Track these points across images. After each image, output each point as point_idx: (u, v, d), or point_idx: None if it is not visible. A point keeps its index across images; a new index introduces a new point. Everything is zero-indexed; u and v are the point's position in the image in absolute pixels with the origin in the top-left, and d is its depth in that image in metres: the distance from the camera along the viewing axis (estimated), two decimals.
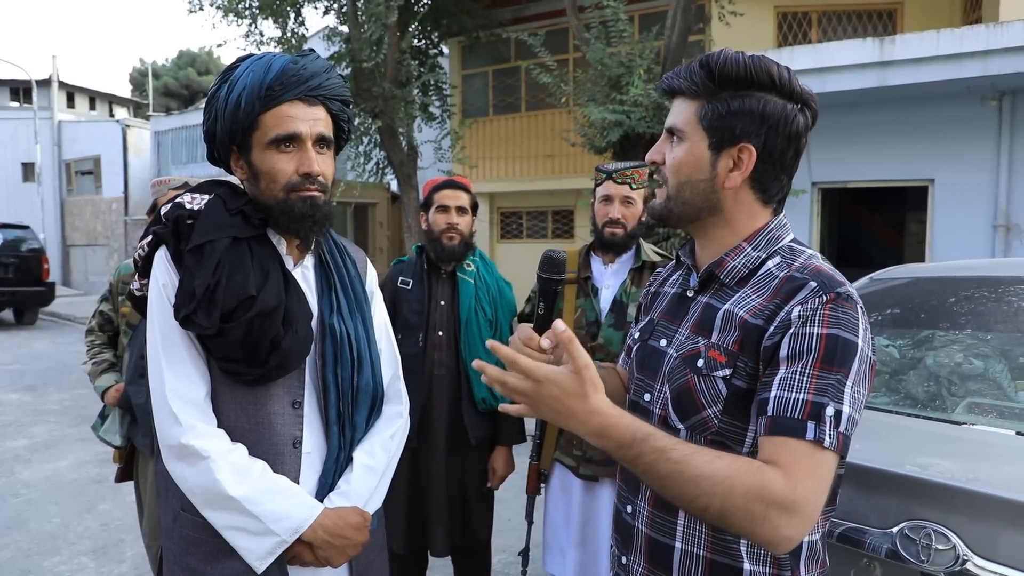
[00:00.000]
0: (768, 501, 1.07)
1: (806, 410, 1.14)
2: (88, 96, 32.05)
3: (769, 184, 1.33)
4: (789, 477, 1.09)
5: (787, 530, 1.09)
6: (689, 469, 1.09)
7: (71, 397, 8.52)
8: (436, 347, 2.90)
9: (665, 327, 1.44)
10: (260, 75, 1.55)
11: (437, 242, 2.90)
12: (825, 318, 1.19)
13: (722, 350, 1.27)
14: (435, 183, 3.00)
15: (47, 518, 4.88)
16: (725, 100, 1.29)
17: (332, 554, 1.60)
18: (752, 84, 1.28)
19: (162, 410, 1.53)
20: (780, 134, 1.29)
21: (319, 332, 1.67)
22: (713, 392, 1.27)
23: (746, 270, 1.33)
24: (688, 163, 1.33)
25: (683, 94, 1.34)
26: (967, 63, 7.00)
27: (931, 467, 1.82)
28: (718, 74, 1.28)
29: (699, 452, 1.11)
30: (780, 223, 1.37)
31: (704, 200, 1.33)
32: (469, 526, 2.99)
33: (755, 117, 1.28)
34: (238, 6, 11.79)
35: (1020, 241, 7.66)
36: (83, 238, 24.46)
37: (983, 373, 2.39)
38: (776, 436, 1.15)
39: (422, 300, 2.92)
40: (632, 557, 1.42)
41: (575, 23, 9.88)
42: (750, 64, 1.27)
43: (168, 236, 1.58)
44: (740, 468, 1.10)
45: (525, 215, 14.71)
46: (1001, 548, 1.64)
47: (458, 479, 2.96)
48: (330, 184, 1.65)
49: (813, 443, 1.12)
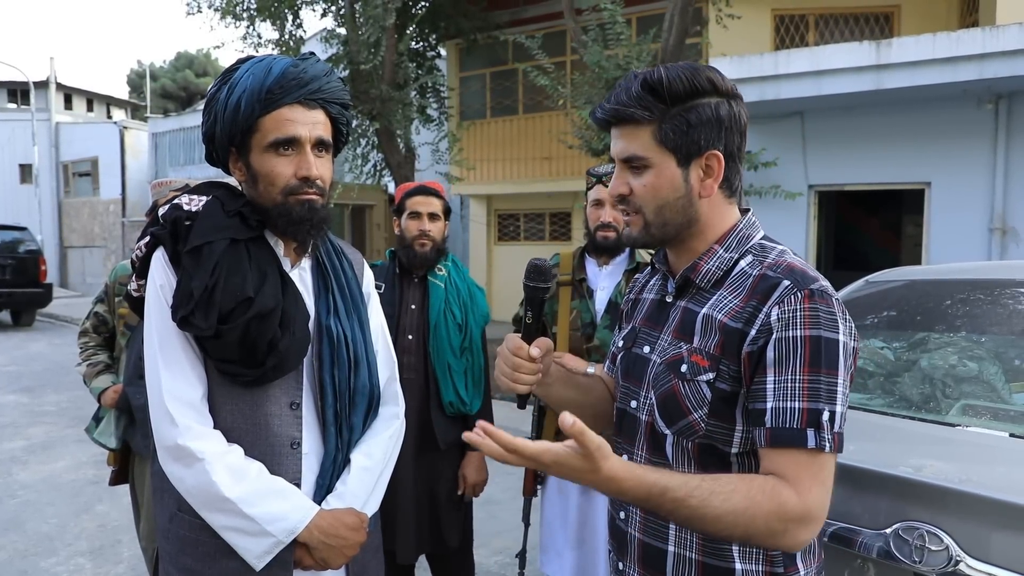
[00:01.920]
0: (786, 519, 1.14)
1: (803, 418, 1.17)
2: (86, 98, 32.04)
3: (733, 179, 1.37)
4: (799, 489, 1.15)
5: (804, 536, 1.16)
6: (710, 512, 1.12)
7: (68, 398, 8.52)
8: (405, 351, 2.86)
9: (647, 334, 1.45)
10: (260, 78, 1.55)
11: (409, 248, 2.89)
12: (806, 319, 1.20)
13: (704, 354, 1.28)
14: (407, 188, 2.97)
15: (44, 519, 4.87)
16: (681, 115, 1.29)
17: (329, 555, 1.60)
18: (697, 93, 1.29)
19: (158, 411, 1.53)
20: (735, 132, 1.33)
21: (316, 334, 1.68)
22: (698, 396, 1.28)
23: (720, 272, 1.34)
24: (663, 186, 1.33)
25: (628, 122, 1.33)
26: (963, 66, 7.02)
27: (925, 468, 1.83)
28: (667, 92, 1.29)
29: (715, 492, 1.13)
30: (749, 221, 1.39)
31: (684, 216, 1.35)
32: (439, 533, 2.94)
33: (712, 123, 1.30)
34: (236, 8, 11.78)
35: (1016, 244, 7.68)
36: (80, 240, 24.44)
37: (977, 375, 2.40)
38: (778, 448, 1.18)
39: (393, 304, 2.90)
40: (627, 562, 1.43)
41: (572, 25, 9.89)
42: (690, 75, 1.29)
43: (166, 237, 1.58)
44: (756, 496, 1.13)
45: (522, 217, 14.72)
46: (994, 549, 1.65)
47: (427, 485, 2.91)
48: (328, 187, 1.66)
49: (815, 450, 1.16)
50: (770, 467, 1.18)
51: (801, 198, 8.63)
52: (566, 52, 12.52)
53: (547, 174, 13.36)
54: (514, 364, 1.41)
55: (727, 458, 1.29)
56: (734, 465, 1.29)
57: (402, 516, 2.86)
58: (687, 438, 1.31)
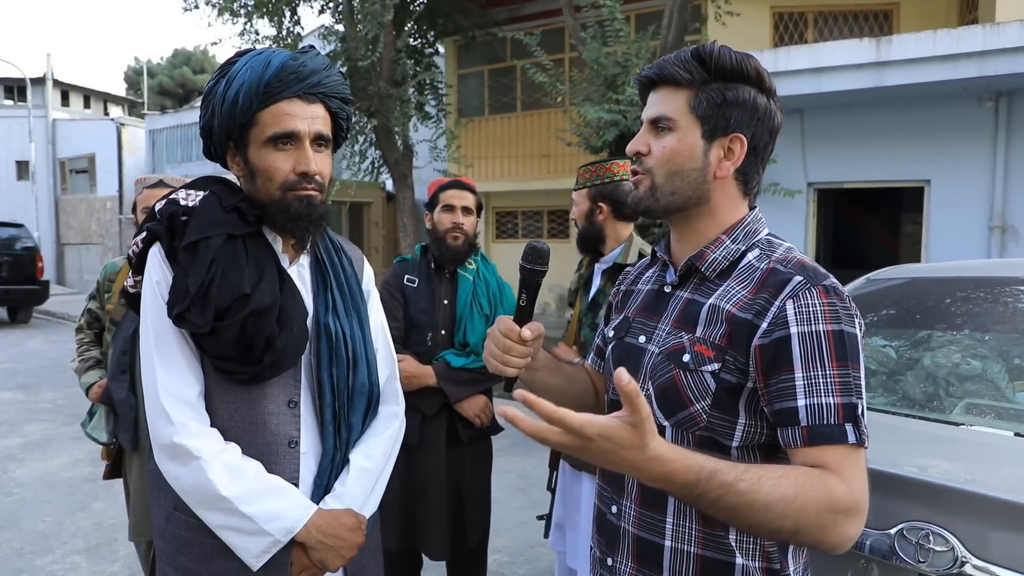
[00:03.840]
0: (837, 510, 1.10)
1: (840, 414, 1.16)
2: (83, 94, 32.01)
3: (751, 176, 1.37)
4: (847, 481, 1.13)
5: (852, 531, 1.13)
6: (760, 498, 1.07)
7: (64, 396, 8.50)
8: (439, 345, 2.93)
9: (643, 323, 1.43)
10: (259, 72, 1.53)
11: (441, 241, 2.92)
12: (826, 315, 1.20)
13: (709, 344, 1.27)
14: (441, 183, 3.03)
15: (40, 517, 4.85)
16: (719, 90, 1.31)
17: (327, 556, 1.58)
18: (741, 77, 1.32)
19: (154, 409, 1.51)
20: (765, 127, 1.34)
21: (314, 331, 1.65)
22: (701, 387, 1.26)
23: (726, 262, 1.34)
24: (680, 152, 1.33)
25: (669, 84, 1.35)
26: (963, 64, 7.01)
27: (929, 468, 1.81)
28: (713, 64, 1.31)
29: (764, 477, 1.09)
30: (756, 217, 1.39)
31: (694, 190, 1.34)
32: (464, 530, 2.98)
33: (747, 108, 1.32)
34: (233, 5, 11.75)
35: (1015, 242, 7.67)
36: (77, 237, 24.39)
37: (981, 374, 2.38)
38: (819, 446, 1.16)
39: (429, 299, 2.95)
40: (618, 558, 1.40)
41: (571, 23, 9.88)
42: (741, 58, 1.31)
43: (162, 233, 1.56)
44: (805, 483, 1.10)
45: (520, 215, 14.71)
46: (999, 549, 1.63)
47: (455, 480, 2.96)
48: (327, 183, 1.64)
49: (855, 445, 1.16)
50: (811, 464, 1.16)
51: (800, 196, 8.62)
52: (565, 49, 12.50)
53: (545, 172, 13.34)
54: (505, 346, 1.39)
55: (728, 451, 1.27)
56: (735, 459, 1.26)
57: (431, 513, 2.89)
58: (687, 430, 1.29)
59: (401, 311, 2.96)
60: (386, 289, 2.97)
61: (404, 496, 2.92)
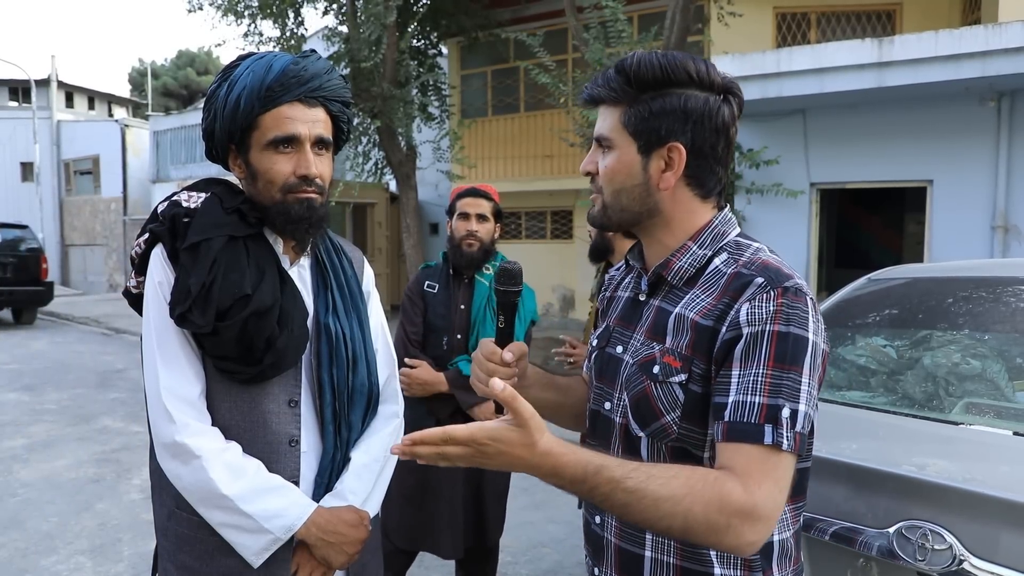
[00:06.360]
0: (728, 511, 1.07)
1: (762, 413, 1.13)
2: (87, 96, 32.05)
3: (705, 179, 1.33)
4: (746, 484, 1.09)
5: (750, 536, 1.09)
6: (648, 495, 1.07)
7: (69, 397, 8.52)
8: (455, 350, 2.99)
9: (621, 333, 1.42)
10: (260, 75, 1.55)
11: (457, 248, 3.00)
12: (775, 315, 1.17)
13: (676, 355, 1.26)
14: (459, 190, 3.10)
15: (44, 517, 4.87)
16: (646, 102, 1.28)
17: (329, 553, 1.60)
18: (670, 82, 1.27)
19: (156, 408, 1.53)
20: (706, 128, 1.28)
21: (314, 332, 1.67)
22: (670, 398, 1.25)
23: (693, 269, 1.32)
24: (620, 170, 1.32)
25: (605, 102, 1.33)
26: (966, 64, 7.00)
27: (928, 467, 1.82)
28: (635, 78, 1.28)
29: (654, 475, 1.09)
30: (724, 218, 1.36)
31: (641, 204, 1.33)
32: (483, 529, 3.03)
33: (678, 115, 1.27)
34: (237, 6, 11.76)
35: (1018, 242, 7.66)
36: (82, 238, 24.46)
37: (981, 373, 2.39)
38: (733, 442, 1.14)
39: (447, 304, 3.03)
40: (603, 568, 1.40)
41: (574, 23, 9.87)
42: (665, 63, 1.27)
43: (164, 234, 1.58)
44: (697, 484, 1.08)
45: (524, 216, 14.72)
46: (998, 548, 1.64)
47: (475, 481, 3.00)
48: (328, 186, 1.65)
49: (771, 447, 1.12)
50: (723, 462, 1.14)
51: (803, 196, 8.61)
52: (567, 50, 12.51)
53: (548, 172, 13.35)
54: (488, 370, 1.39)
55: (701, 462, 1.25)
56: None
57: (445, 514, 2.93)
58: (661, 441, 1.28)
59: (420, 316, 3.04)
60: (408, 295, 3.10)
61: (419, 496, 2.95)
